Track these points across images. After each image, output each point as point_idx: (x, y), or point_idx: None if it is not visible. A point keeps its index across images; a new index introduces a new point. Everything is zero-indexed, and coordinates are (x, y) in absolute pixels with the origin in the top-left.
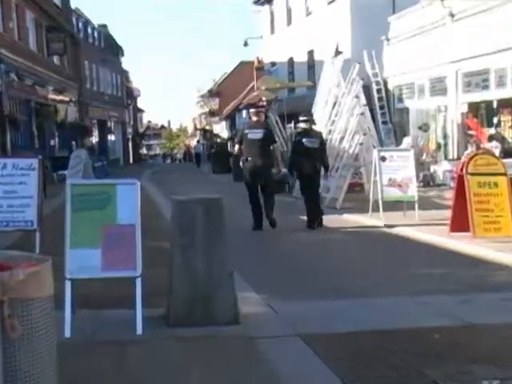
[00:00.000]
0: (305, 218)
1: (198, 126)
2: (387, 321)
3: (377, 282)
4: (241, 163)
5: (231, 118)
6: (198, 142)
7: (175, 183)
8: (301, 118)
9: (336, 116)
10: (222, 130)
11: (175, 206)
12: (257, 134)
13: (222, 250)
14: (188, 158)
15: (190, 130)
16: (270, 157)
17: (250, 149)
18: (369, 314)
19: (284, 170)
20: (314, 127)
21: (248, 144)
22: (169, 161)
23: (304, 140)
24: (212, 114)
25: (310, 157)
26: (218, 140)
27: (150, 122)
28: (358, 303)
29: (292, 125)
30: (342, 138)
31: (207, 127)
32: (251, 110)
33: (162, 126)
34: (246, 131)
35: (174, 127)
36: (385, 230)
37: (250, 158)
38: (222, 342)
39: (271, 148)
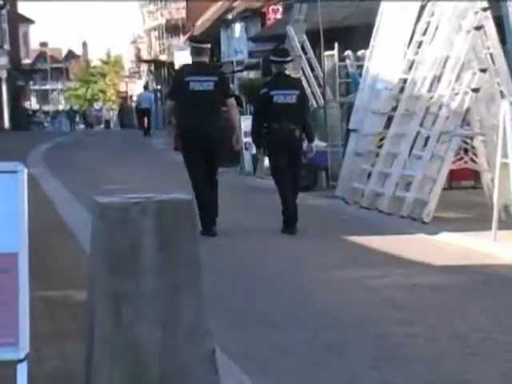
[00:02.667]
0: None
1: (146, 56)
2: None
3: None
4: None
5: (211, 39)
6: (145, 87)
7: (99, 169)
8: (272, 58)
9: (424, 34)
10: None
11: (101, 216)
12: (204, 84)
13: (195, 305)
14: (125, 120)
15: (129, 63)
16: (221, 120)
17: (193, 107)
18: None
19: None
20: (290, 72)
21: (190, 99)
22: (82, 125)
23: (273, 93)
24: (173, 29)
25: (285, 119)
26: None
27: (45, 45)
28: None
29: (335, 52)
30: (436, 79)
31: (163, 57)
32: (191, 44)
33: (71, 55)
34: (187, 78)
35: (95, 57)
36: None
37: (191, 122)
38: None
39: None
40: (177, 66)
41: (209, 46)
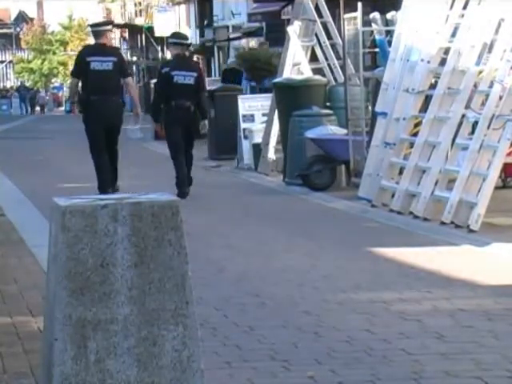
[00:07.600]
0: None
1: (118, 19)
2: None
3: None
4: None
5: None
6: None
7: (59, 164)
8: (170, 40)
9: None
10: (176, 27)
11: (61, 223)
12: (104, 64)
13: (180, 337)
14: None
15: None
16: (120, 97)
17: (94, 85)
18: None
19: None
20: (188, 53)
21: (91, 77)
22: (38, 108)
23: (174, 73)
24: None
25: (183, 97)
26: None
27: None
28: None
29: (358, 15)
30: (487, 48)
31: (139, 21)
32: (92, 29)
33: (22, 17)
34: (89, 59)
35: (53, 20)
36: None
37: (93, 98)
38: None
39: (125, 82)
40: (158, 33)
41: (108, 27)
